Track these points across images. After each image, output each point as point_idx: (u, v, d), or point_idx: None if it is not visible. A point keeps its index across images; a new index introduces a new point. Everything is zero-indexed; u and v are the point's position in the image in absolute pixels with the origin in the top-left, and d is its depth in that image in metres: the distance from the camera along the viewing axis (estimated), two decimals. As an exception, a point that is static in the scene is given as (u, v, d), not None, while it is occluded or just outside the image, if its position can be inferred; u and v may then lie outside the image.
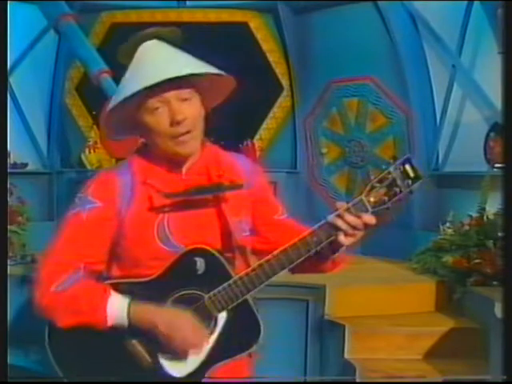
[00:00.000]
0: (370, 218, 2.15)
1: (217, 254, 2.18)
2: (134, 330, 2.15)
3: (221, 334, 2.19)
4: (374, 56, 7.09)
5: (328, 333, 4.87)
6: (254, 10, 7.79)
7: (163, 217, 2.20)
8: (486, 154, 6.15)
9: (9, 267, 5.52)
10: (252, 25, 7.79)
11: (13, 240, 5.97)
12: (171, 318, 2.14)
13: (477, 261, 5.17)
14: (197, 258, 2.17)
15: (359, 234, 2.17)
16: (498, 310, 4.13)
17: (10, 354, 2.67)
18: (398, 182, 2.15)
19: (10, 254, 5.85)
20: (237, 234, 2.25)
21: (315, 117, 7.72)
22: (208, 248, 2.18)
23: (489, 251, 5.14)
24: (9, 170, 6.65)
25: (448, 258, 5.40)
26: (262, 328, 2.20)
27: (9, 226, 5.83)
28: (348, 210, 2.14)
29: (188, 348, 2.15)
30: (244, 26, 7.79)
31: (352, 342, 4.72)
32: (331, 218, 2.15)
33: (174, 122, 2.15)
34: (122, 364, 2.17)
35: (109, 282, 2.22)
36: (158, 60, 2.20)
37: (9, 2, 3.39)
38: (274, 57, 7.84)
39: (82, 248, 2.18)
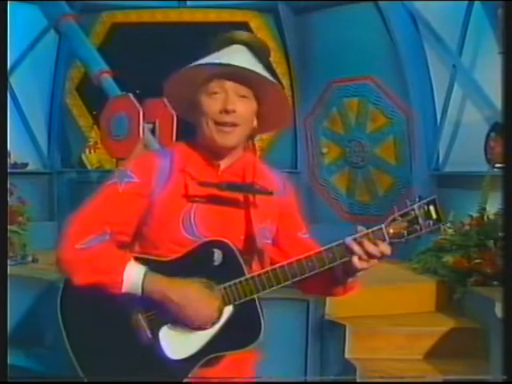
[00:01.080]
0: (386, 248, 2.21)
1: (236, 251, 2.23)
2: (145, 300, 2.20)
3: (223, 327, 2.22)
4: (375, 56, 7.09)
5: (328, 333, 4.87)
6: (255, 10, 7.80)
7: (191, 206, 2.27)
8: (486, 153, 6.16)
9: (9, 267, 5.53)
10: (252, 25, 7.80)
11: (13, 240, 5.97)
12: (184, 289, 2.19)
13: (477, 261, 5.17)
14: (216, 250, 2.22)
15: (373, 261, 2.22)
16: (499, 310, 4.14)
17: (11, 355, 2.67)
18: (420, 220, 2.21)
19: (10, 253, 5.85)
20: (259, 239, 2.31)
21: (316, 117, 7.72)
22: (229, 243, 2.23)
23: (489, 251, 5.14)
24: (9, 170, 6.69)
25: (448, 258, 5.40)
26: (262, 329, 2.23)
27: (9, 226, 5.83)
28: (367, 235, 2.20)
29: (198, 319, 2.19)
30: (244, 25, 7.78)
31: (352, 342, 4.72)
32: (349, 240, 2.21)
33: (224, 110, 2.23)
34: (123, 335, 2.23)
35: (130, 253, 2.28)
36: (237, 55, 2.30)
37: (9, 2, 3.39)
38: (274, 56, 7.82)
39: (112, 216, 2.26)
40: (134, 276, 2.19)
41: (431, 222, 2.21)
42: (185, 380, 2.22)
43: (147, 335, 2.22)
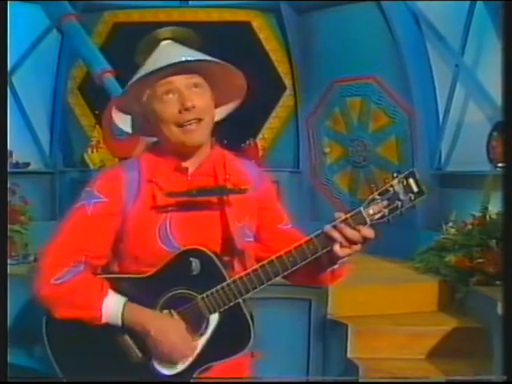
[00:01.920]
0: (368, 231, 2.13)
1: (213, 256, 2.17)
2: (126, 328, 2.18)
3: (212, 336, 2.19)
4: (377, 55, 7.09)
5: (331, 332, 4.86)
6: (257, 10, 7.80)
7: (166, 216, 2.20)
8: (488, 153, 6.15)
9: (11, 267, 5.54)
10: (255, 24, 7.80)
11: (15, 239, 5.98)
12: (162, 325, 2.16)
13: (479, 260, 5.16)
14: (192, 259, 2.16)
15: (356, 246, 2.15)
16: (501, 310, 4.13)
17: (12, 354, 2.67)
18: (401, 195, 2.12)
19: (12, 253, 5.85)
20: (239, 238, 2.24)
21: (318, 116, 7.72)
22: (204, 249, 2.17)
23: (491, 251, 5.13)
24: (11, 170, 6.70)
25: (451, 258, 5.39)
26: (252, 333, 2.19)
27: (11, 226, 5.84)
28: (345, 220, 2.13)
29: (175, 356, 2.16)
30: (247, 25, 7.80)
31: (355, 342, 4.71)
32: (328, 228, 2.14)
33: (183, 109, 2.16)
34: (113, 357, 2.20)
35: (106, 276, 2.24)
36: (169, 51, 2.23)
37: (11, 1, 3.39)
38: (276, 56, 7.85)
39: (84, 242, 2.20)
40: (112, 310, 2.16)
41: (412, 196, 2.12)
42: None
43: (137, 354, 2.19)
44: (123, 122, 2.35)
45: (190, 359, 2.18)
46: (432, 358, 4.73)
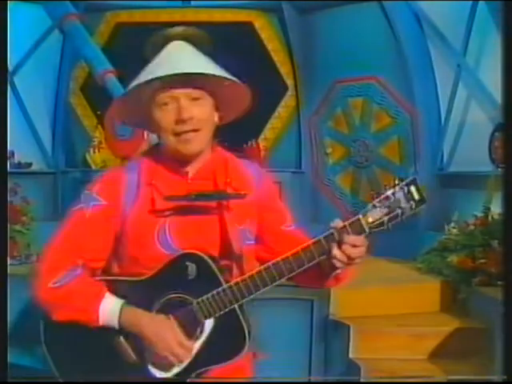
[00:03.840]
0: (360, 240, 2.11)
1: (209, 261, 2.16)
2: (123, 331, 2.18)
3: (206, 341, 2.18)
4: (379, 56, 7.08)
5: (333, 333, 4.86)
6: (259, 10, 7.80)
7: (165, 220, 2.20)
8: (490, 153, 6.15)
9: (13, 267, 5.54)
10: (257, 24, 7.80)
11: (17, 239, 5.97)
12: (158, 328, 2.15)
13: (482, 261, 5.16)
14: (188, 263, 2.16)
15: (351, 254, 2.13)
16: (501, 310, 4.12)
17: (15, 354, 2.68)
18: (402, 203, 2.10)
19: (14, 253, 5.85)
20: (238, 242, 2.23)
21: (320, 116, 7.72)
22: (200, 254, 2.17)
23: (494, 251, 5.13)
24: (13, 170, 6.71)
25: (453, 258, 5.39)
26: (247, 339, 2.18)
27: (13, 226, 5.84)
28: (344, 228, 2.11)
29: (170, 359, 2.16)
30: (249, 25, 7.80)
31: (357, 342, 4.71)
32: (323, 237, 2.13)
33: (180, 120, 2.15)
34: (109, 359, 2.21)
35: (104, 278, 2.24)
36: (176, 57, 2.21)
37: (13, 1, 3.39)
38: (278, 56, 7.84)
39: (82, 245, 2.20)
40: (109, 313, 2.16)
41: (413, 204, 2.10)
42: None
43: (132, 357, 2.19)
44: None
45: (185, 363, 2.18)
46: (434, 359, 4.73)
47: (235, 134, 6.73)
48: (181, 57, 2.21)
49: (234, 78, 2.23)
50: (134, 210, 2.20)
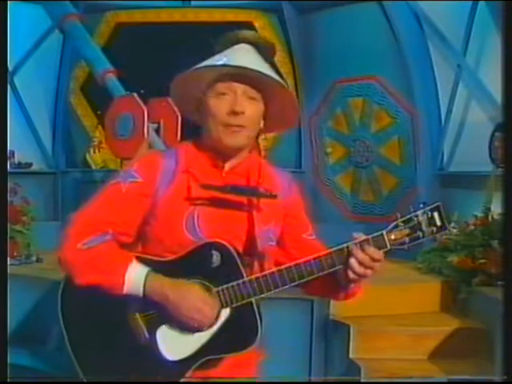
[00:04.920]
0: (378, 255, 2.20)
1: (234, 253, 2.21)
2: (145, 300, 2.20)
3: (220, 329, 2.21)
4: (379, 56, 7.09)
5: (333, 333, 4.87)
6: (259, 10, 7.80)
7: (194, 208, 2.25)
8: (490, 153, 6.15)
9: (14, 267, 5.55)
10: (257, 24, 7.80)
11: (17, 240, 5.98)
12: (182, 289, 2.18)
13: (482, 261, 5.17)
14: (214, 252, 2.20)
15: (369, 270, 2.21)
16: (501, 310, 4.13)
17: (16, 354, 2.68)
18: (423, 227, 2.19)
19: (14, 253, 5.86)
20: (262, 241, 2.28)
21: (320, 116, 7.72)
22: (227, 245, 2.21)
23: (494, 251, 5.13)
24: (13, 170, 6.71)
25: (453, 258, 5.39)
26: (259, 332, 2.21)
27: (13, 226, 5.85)
28: (367, 241, 2.19)
29: (194, 318, 2.17)
30: (249, 25, 7.79)
31: (357, 342, 4.71)
32: (351, 245, 2.19)
33: (232, 112, 2.21)
34: (120, 334, 2.23)
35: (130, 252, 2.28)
36: (242, 54, 2.27)
37: (14, 2, 3.40)
38: (278, 56, 7.82)
39: (114, 216, 2.25)
40: (135, 278, 2.19)
41: (435, 229, 2.19)
42: (181, 380, 2.22)
43: (144, 335, 2.21)
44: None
45: (197, 345, 2.20)
46: (434, 359, 4.73)
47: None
48: (247, 56, 2.28)
49: (290, 90, 2.33)
50: (168, 193, 2.25)
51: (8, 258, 3.19)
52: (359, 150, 7.42)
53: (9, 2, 2.97)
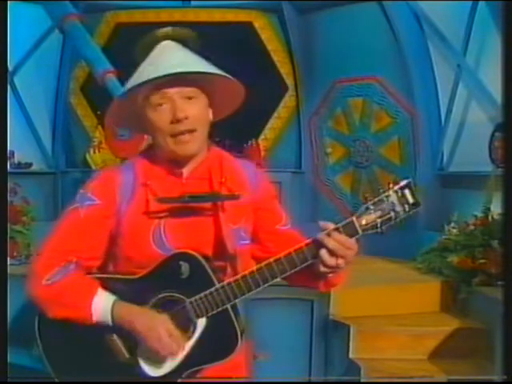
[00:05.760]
0: (351, 243, 2.11)
1: (202, 261, 2.17)
2: (116, 327, 2.18)
3: (198, 340, 2.18)
4: (379, 56, 7.09)
5: (333, 333, 4.87)
6: (259, 10, 7.80)
7: (160, 221, 2.21)
8: (490, 153, 6.15)
9: (14, 267, 5.54)
10: (257, 24, 7.80)
11: (17, 240, 5.97)
12: (149, 320, 2.15)
13: (482, 261, 5.16)
14: (182, 262, 2.16)
15: (341, 261, 2.12)
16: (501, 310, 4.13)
17: (15, 354, 2.68)
18: (396, 207, 2.10)
19: (14, 253, 5.85)
20: (233, 242, 2.23)
21: (320, 116, 7.72)
22: (194, 253, 2.17)
23: (494, 251, 5.13)
24: (13, 170, 6.71)
25: (453, 258, 5.39)
26: (239, 339, 2.18)
27: (13, 226, 5.84)
28: (337, 230, 2.11)
29: (162, 351, 2.15)
30: (249, 25, 7.80)
31: (357, 342, 4.71)
32: (320, 236, 2.11)
33: (175, 120, 2.15)
34: (102, 357, 2.21)
35: (98, 275, 2.25)
36: (166, 57, 2.20)
37: (13, 1, 3.39)
38: (278, 56, 7.84)
39: (77, 244, 2.21)
40: (102, 308, 2.17)
41: (407, 207, 2.09)
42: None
43: (124, 355, 2.20)
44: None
45: (178, 359, 2.18)
46: (434, 359, 4.73)
47: (236, 134, 6.78)
48: (171, 57, 2.20)
49: (225, 74, 2.22)
50: (130, 210, 2.21)
51: (8, 258, 3.18)
52: (359, 150, 7.42)
53: (9, 2, 2.97)
